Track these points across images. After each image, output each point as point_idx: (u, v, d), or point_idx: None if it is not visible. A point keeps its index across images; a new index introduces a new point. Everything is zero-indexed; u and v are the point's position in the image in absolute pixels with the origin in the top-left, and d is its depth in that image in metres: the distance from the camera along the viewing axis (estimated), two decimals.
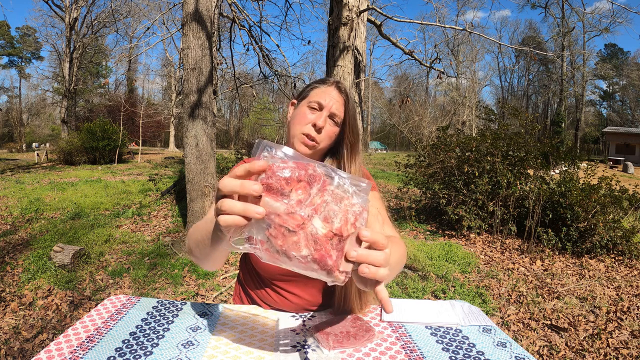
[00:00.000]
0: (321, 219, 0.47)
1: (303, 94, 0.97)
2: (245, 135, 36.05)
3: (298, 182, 0.47)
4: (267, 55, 7.06)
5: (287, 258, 0.47)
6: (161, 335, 0.82)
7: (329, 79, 0.97)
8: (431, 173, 5.85)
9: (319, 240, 0.47)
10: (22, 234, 4.68)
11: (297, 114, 0.94)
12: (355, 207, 0.49)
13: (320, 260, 0.47)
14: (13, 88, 39.58)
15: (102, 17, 21.57)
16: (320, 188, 0.48)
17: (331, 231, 0.47)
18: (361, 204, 0.50)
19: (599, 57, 38.99)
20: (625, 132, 30.02)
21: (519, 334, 2.64)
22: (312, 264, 0.47)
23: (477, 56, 35.29)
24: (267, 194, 0.47)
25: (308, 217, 0.47)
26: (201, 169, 4.13)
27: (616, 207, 4.66)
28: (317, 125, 0.90)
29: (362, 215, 0.49)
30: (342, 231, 0.48)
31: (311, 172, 0.48)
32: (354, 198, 0.49)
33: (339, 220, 0.48)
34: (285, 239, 0.46)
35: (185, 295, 3.22)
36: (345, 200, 0.49)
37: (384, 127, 43.18)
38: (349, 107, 0.93)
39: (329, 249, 0.47)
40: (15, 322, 2.66)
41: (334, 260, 0.48)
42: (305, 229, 0.47)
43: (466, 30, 4.52)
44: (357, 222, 0.49)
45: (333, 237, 0.48)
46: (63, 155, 12.85)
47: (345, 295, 0.91)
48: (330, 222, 0.48)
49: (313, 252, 0.47)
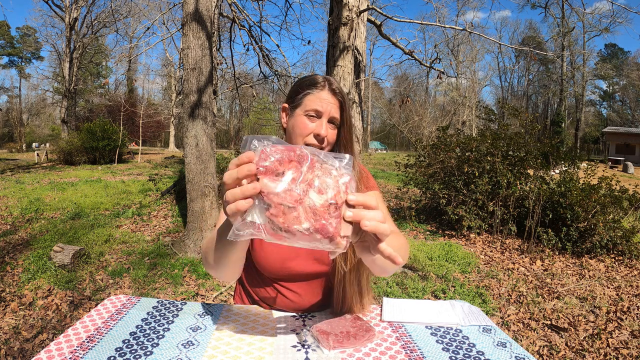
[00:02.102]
0: (316, 191, 0.51)
1: (296, 101, 0.93)
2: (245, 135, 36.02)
3: (289, 162, 0.51)
4: (267, 55, 7.06)
5: (290, 234, 0.50)
6: (161, 335, 0.82)
7: (319, 80, 0.92)
8: (431, 173, 5.85)
9: (317, 211, 0.50)
10: (22, 234, 4.68)
11: (296, 125, 0.91)
12: (344, 178, 0.53)
13: (322, 229, 0.50)
14: (13, 88, 39.60)
15: (102, 17, 21.55)
16: (309, 165, 0.52)
17: (327, 201, 0.51)
18: (348, 173, 0.54)
19: (599, 57, 39.01)
20: (625, 132, 30.02)
21: (519, 334, 2.64)
22: (315, 235, 0.50)
23: (477, 56, 35.29)
24: (264, 176, 0.51)
25: (304, 191, 0.50)
26: (201, 169, 4.13)
27: (616, 207, 4.66)
28: (320, 135, 0.89)
29: (351, 183, 0.53)
30: (336, 199, 0.51)
31: (299, 152, 0.52)
32: (341, 169, 0.53)
33: (332, 190, 0.51)
34: (286, 216, 0.50)
35: (185, 295, 3.22)
36: (334, 171, 0.53)
37: (384, 127, 43.19)
38: (345, 108, 0.92)
39: (327, 218, 0.51)
40: (15, 322, 2.66)
41: (334, 227, 0.51)
42: (303, 203, 0.50)
43: (466, 30, 4.52)
44: (347, 189, 0.53)
45: (329, 206, 0.51)
46: (63, 155, 12.85)
47: (343, 296, 0.91)
48: (324, 192, 0.51)
49: (314, 223, 0.50)
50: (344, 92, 0.94)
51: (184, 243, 4.17)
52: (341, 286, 0.91)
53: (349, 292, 0.90)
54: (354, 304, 0.91)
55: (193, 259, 3.99)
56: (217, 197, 4.29)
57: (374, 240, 0.56)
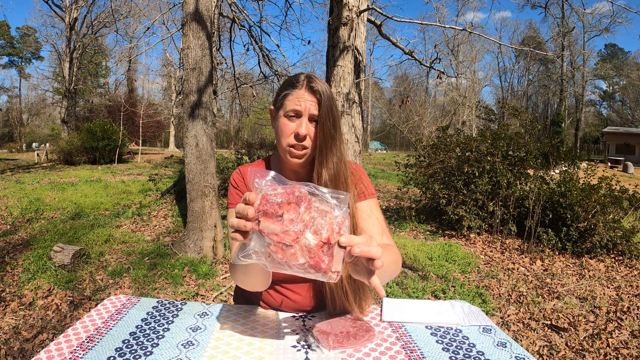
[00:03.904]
0: (311, 232, 0.57)
1: (278, 102, 0.94)
2: (245, 135, 36.04)
3: (288, 204, 0.57)
4: (267, 55, 7.05)
5: (287, 267, 0.57)
6: (161, 335, 0.82)
7: (299, 79, 0.92)
8: (431, 173, 5.85)
9: (312, 250, 0.57)
10: (22, 234, 4.68)
11: (279, 127, 0.92)
12: (337, 219, 0.59)
13: (315, 265, 0.57)
14: (13, 88, 39.59)
15: (102, 17, 21.53)
16: (307, 206, 0.58)
17: (321, 241, 0.57)
18: (342, 214, 0.59)
19: (599, 57, 38.99)
20: (625, 132, 30.01)
21: (519, 334, 2.64)
22: (309, 269, 0.57)
23: (477, 56, 35.27)
24: (265, 219, 0.57)
25: (300, 232, 0.56)
26: (201, 169, 4.13)
27: (616, 207, 4.66)
28: (299, 134, 0.88)
29: (344, 224, 0.59)
30: (330, 240, 0.57)
31: (297, 194, 0.58)
32: (335, 211, 0.59)
33: (326, 231, 0.58)
34: (284, 253, 0.56)
35: (185, 295, 3.22)
36: (329, 214, 0.59)
37: (384, 127, 43.18)
38: (321, 105, 0.89)
39: (321, 256, 0.57)
40: (15, 322, 2.66)
41: (327, 264, 0.57)
42: (300, 242, 0.56)
43: (466, 30, 4.51)
44: (340, 230, 0.59)
45: (323, 245, 0.57)
46: (63, 155, 12.85)
47: (338, 298, 0.91)
48: (319, 233, 0.57)
49: (309, 260, 0.56)
50: (323, 90, 0.89)
51: (184, 243, 4.17)
52: (332, 289, 0.91)
53: (340, 295, 0.90)
54: (348, 306, 0.91)
55: (193, 259, 3.99)
56: (217, 197, 4.29)
57: (366, 271, 0.64)
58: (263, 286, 0.85)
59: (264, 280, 0.83)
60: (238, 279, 0.84)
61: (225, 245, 4.32)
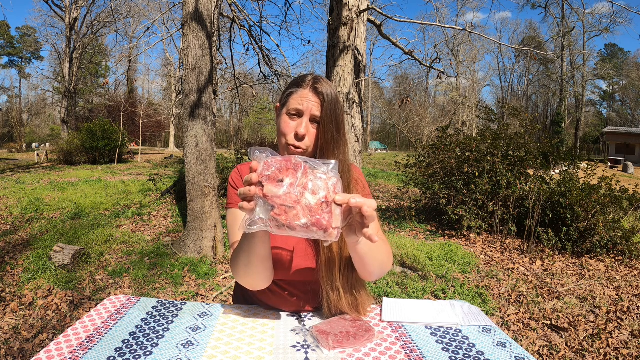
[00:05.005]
0: (310, 193, 0.62)
1: (283, 100, 0.95)
2: (245, 135, 36.05)
3: (287, 170, 0.63)
4: (267, 55, 7.05)
5: (291, 230, 0.62)
6: (161, 335, 0.82)
7: (305, 79, 0.93)
8: (431, 173, 5.85)
9: (313, 209, 0.62)
10: (22, 234, 4.68)
11: (280, 124, 0.93)
12: (332, 180, 0.64)
13: (317, 223, 0.62)
14: (13, 88, 39.62)
15: (102, 17, 21.53)
16: (303, 172, 0.63)
17: (320, 199, 0.62)
18: (334, 176, 0.65)
19: (599, 57, 38.98)
20: (625, 132, 30.01)
21: (519, 334, 2.64)
22: (312, 227, 0.62)
23: (477, 56, 35.29)
24: (268, 183, 0.62)
25: (300, 193, 0.62)
26: (201, 169, 4.13)
27: (616, 207, 4.66)
28: (298, 134, 0.89)
29: (338, 184, 0.65)
30: (327, 198, 0.63)
31: (294, 161, 0.64)
32: (329, 173, 0.65)
33: (323, 190, 0.63)
34: (287, 214, 0.61)
35: (185, 295, 3.22)
36: (324, 176, 0.64)
37: (384, 127, 43.20)
38: (324, 107, 0.89)
39: (321, 213, 0.62)
40: (15, 322, 2.66)
41: (327, 221, 0.62)
42: (301, 202, 0.61)
43: (466, 30, 4.52)
44: (335, 189, 0.64)
45: (322, 204, 0.62)
46: (63, 155, 12.86)
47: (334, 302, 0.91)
48: (317, 193, 0.62)
49: (310, 218, 0.61)
50: (328, 92, 0.90)
51: (184, 243, 4.17)
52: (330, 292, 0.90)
53: (335, 296, 0.90)
54: (348, 310, 0.91)
55: (193, 259, 3.99)
56: (217, 197, 4.29)
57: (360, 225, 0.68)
58: (264, 280, 0.85)
59: (266, 271, 0.83)
60: (240, 272, 0.83)
61: (225, 245, 4.32)
